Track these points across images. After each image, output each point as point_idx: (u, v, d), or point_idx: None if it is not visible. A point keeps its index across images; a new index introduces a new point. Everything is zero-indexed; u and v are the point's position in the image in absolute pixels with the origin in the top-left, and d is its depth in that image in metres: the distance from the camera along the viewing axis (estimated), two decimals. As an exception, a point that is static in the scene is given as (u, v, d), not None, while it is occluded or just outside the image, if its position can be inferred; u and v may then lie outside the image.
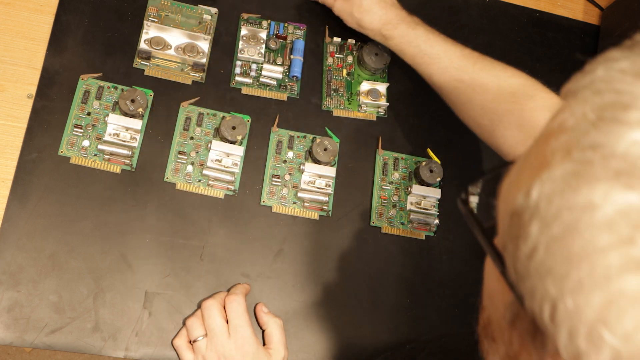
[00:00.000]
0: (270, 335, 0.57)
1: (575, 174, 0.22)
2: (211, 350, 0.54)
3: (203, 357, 0.55)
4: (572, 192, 0.22)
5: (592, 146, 0.22)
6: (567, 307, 0.22)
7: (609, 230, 0.21)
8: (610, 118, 0.22)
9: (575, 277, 0.21)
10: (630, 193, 0.20)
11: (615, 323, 0.20)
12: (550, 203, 0.23)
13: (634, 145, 0.21)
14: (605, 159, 0.21)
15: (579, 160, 0.22)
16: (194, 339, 0.55)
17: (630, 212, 0.20)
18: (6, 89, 0.61)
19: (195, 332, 0.56)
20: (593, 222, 0.21)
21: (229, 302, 0.56)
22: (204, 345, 0.55)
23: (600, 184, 0.21)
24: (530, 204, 0.24)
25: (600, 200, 0.21)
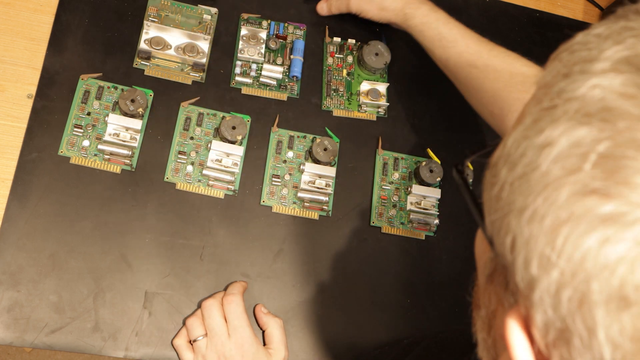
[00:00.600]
0: (271, 335, 0.57)
1: (540, 118, 0.24)
2: (211, 350, 0.54)
3: (203, 357, 0.55)
4: (536, 134, 0.24)
5: (558, 93, 0.24)
6: (524, 236, 0.23)
7: (562, 162, 0.23)
8: (578, 70, 0.24)
9: (531, 207, 0.23)
10: (583, 128, 0.22)
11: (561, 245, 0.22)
12: (518, 147, 0.25)
13: (592, 89, 0.23)
14: (567, 101, 0.23)
15: (545, 106, 0.25)
16: (194, 338, 0.55)
17: (580, 144, 0.22)
18: (6, 89, 0.61)
19: (195, 332, 0.56)
20: (549, 157, 0.23)
21: (227, 304, 0.56)
22: (204, 345, 0.55)
23: (559, 123, 0.23)
24: (504, 152, 0.26)
25: (557, 137, 0.23)
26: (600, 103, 0.22)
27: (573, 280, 0.22)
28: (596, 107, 0.22)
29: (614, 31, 0.25)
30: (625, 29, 0.24)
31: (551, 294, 0.22)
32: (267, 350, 0.56)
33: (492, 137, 0.73)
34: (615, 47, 0.24)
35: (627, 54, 0.23)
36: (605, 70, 0.23)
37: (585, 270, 0.21)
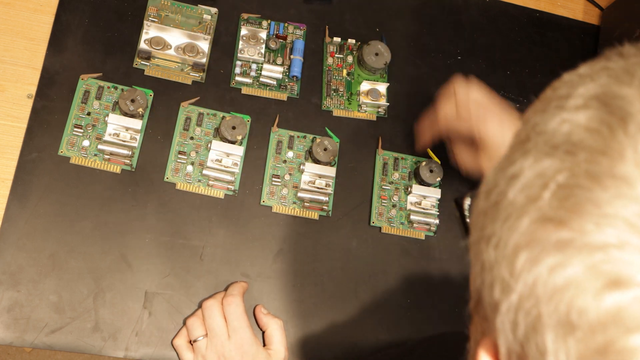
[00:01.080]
0: (271, 336, 0.57)
1: (514, 150, 0.26)
2: (211, 350, 0.54)
3: (203, 357, 0.55)
4: (509, 165, 0.25)
5: (532, 126, 0.26)
6: (490, 262, 0.25)
7: (526, 191, 0.24)
8: (554, 106, 0.26)
9: (497, 234, 0.24)
10: (547, 159, 0.24)
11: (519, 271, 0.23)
12: (494, 177, 0.26)
13: (562, 123, 0.24)
14: (538, 134, 0.25)
15: (521, 139, 0.26)
16: (194, 338, 0.55)
17: (543, 174, 0.23)
18: (6, 89, 0.61)
19: (195, 332, 0.56)
20: (516, 186, 0.24)
21: (227, 305, 0.56)
22: (204, 345, 0.55)
23: (529, 155, 0.24)
24: (485, 182, 0.27)
25: (525, 168, 0.24)
26: (566, 136, 0.24)
27: (527, 304, 0.22)
28: (562, 140, 0.24)
29: (594, 71, 0.26)
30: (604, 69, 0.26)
31: (510, 319, 0.23)
32: (267, 350, 0.56)
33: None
34: (590, 84, 0.25)
35: (598, 91, 0.24)
36: (577, 106, 0.24)
37: (536, 294, 0.22)
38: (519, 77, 0.77)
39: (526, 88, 0.77)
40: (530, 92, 0.77)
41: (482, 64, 0.76)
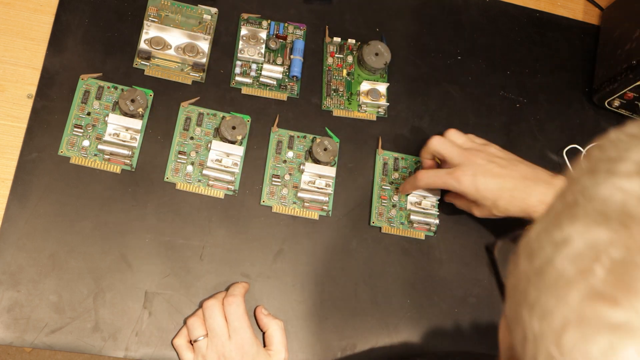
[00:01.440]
0: (271, 337, 0.57)
1: (561, 213, 0.24)
2: (211, 350, 0.54)
3: (203, 357, 0.55)
4: (555, 229, 0.24)
5: (581, 190, 0.24)
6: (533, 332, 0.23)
7: (576, 262, 0.22)
8: (603, 169, 0.24)
9: (543, 304, 0.23)
10: (599, 229, 0.22)
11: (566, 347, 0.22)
12: (538, 239, 0.25)
13: (614, 190, 0.23)
14: (588, 200, 0.23)
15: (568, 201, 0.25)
16: (195, 338, 0.55)
17: (595, 246, 0.22)
18: (6, 89, 0.61)
19: (195, 332, 0.56)
20: (565, 255, 0.23)
21: (228, 305, 0.56)
22: (205, 345, 0.55)
23: (578, 221, 0.23)
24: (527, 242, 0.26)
25: (575, 236, 0.23)
26: (620, 206, 0.22)
27: None
28: (615, 209, 0.22)
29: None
30: None
31: None
32: (268, 351, 0.56)
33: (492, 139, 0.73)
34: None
35: None
36: (630, 172, 0.23)
37: None
38: (519, 77, 0.77)
39: (526, 88, 0.77)
40: (531, 92, 0.77)
41: (482, 64, 0.76)
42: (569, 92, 0.79)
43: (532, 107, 0.76)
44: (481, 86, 0.75)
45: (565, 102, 0.78)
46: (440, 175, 0.60)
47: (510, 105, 0.75)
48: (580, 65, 0.80)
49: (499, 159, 0.61)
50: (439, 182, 0.61)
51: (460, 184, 0.59)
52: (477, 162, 0.60)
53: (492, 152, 0.62)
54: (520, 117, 0.75)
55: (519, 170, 0.60)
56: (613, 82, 0.73)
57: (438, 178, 0.61)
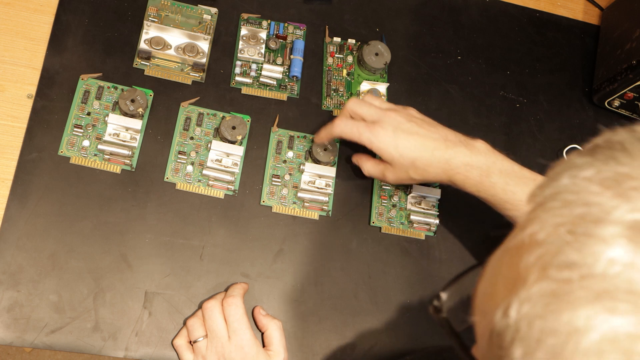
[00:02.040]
0: (270, 337, 0.57)
1: (554, 294, 0.21)
2: (211, 351, 0.54)
3: (203, 358, 0.55)
4: (553, 316, 0.21)
5: (568, 265, 0.21)
6: None
7: (597, 358, 0.20)
8: (583, 233, 0.21)
9: None
10: (615, 317, 0.20)
11: None
12: (531, 326, 0.22)
13: (611, 265, 0.20)
14: (584, 279, 0.21)
15: (556, 279, 0.22)
16: (195, 339, 0.55)
17: (617, 338, 0.20)
18: (6, 89, 0.61)
19: (195, 333, 0.56)
20: (580, 349, 0.20)
21: (227, 306, 0.56)
22: (204, 346, 0.55)
23: (582, 308, 0.21)
24: (509, 323, 0.23)
25: (584, 326, 0.20)
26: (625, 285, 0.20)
27: None
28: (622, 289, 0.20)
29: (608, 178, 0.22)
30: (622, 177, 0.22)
31: None
32: (267, 352, 0.56)
33: (492, 139, 0.73)
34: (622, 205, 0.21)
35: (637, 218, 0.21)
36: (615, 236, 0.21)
37: None
38: (519, 77, 0.77)
39: (526, 88, 0.77)
40: (531, 92, 0.77)
41: (482, 64, 0.76)
42: (569, 92, 0.79)
43: (532, 107, 0.76)
44: (481, 86, 0.75)
45: (565, 102, 0.78)
46: (359, 126, 0.57)
47: (510, 105, 0.75)
48: (580, 65, 0.80)
49: (418, 120, 0.58)
50: (355, 133, 0.57)
51: (378, 139, 0.56)
52: (397, 119, 0.57)
53: (411, 112, 0.59)
54: (520, 117, 0.75)
55: (440, 132, 0.57)
56: (613, 82, 0.73)
57: (355, 128, 0.57)
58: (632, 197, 0.21)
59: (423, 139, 0.57)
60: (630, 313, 0.20)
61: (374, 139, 0.57)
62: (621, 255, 0.20)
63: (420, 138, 0.57)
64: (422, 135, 0.57)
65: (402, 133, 0.56)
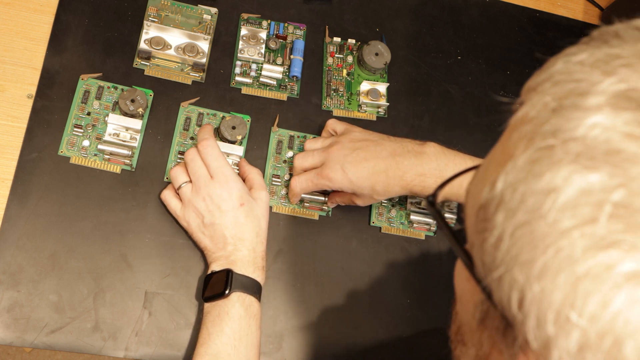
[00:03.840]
0: (252, 180, 0.59)
1: (537, 160, 0.22)
2: (196, 193, 0.56)
3: (189, 201, 0.56)
4: (535, 178, 0.22)
5: (552, 132, 0.22)
6: (534, 293, 0.22)
7: (571, 211, 0.21)
8: (569, 105, 0.22)
9: (540, 261, 0.21)
10: (590, 174, 0.21)
11: (582, 304, 0.20)
12: (514, 191, 0.23)
13: (592, 129, 0.21)
14: (565, 143, 0.22)
15: (540, 147, 0.23)
16: (179, 185, 0.57)
17: (591, 192, 0.21)
18: (6, 89, 0.61)
19: (179, 179, 0.57)
20: (556, 205, 0.21)
21: (203, 149, 0.57)
22: (189, 189, 0.57)
23: (561, 168, 0.21)
24: (495, 195, 0.24)
25: (561, 183, 0.21)
26: (604, 145, 0.21)
27: (601, 342, 0.20)
28: (600, 149, 0.21)
29: (599, 59, 0.23)
30: (612, 57, 0.23)
31: (572, 355, 0.21)
32: (252, 195, 0.58)
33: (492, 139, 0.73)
34: (608, 79, 0.22)
35: (623, 88, 0.22)
36: (600, 105, 0.22)
37: (615, 331, 0.20)
38: (519, 77, 0.77)
39: (526, 88, 0.77)
40: (530, 92, 0.77)
41: (482, 64, 0.76)
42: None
43: (532, 107, 0.76)
44: (481, 86, 0.75)
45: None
46: (311, 178, 0.59)
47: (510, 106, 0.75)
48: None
49: (362, 143, 0.58)
50: (311, 186, 0.59)
51: (332, 181, 0.57)
52: (341, 154, 0.58)
53: (353, 137, 0.59)
54: (520, 117, 0.75)
55: (386, 148, 0.58)
56: (613, 82, 0.73)
57: (310, 181, 0.59)
58: (619, 73, 0.22)
59: (373, 163, 0.57)
60: (606, 169, 0.20)
61: (329, 182, 0.58)
62: (602, 120, 0.21)
63: (369, 163, 0.57)
64: (371, 159, 0.57)
65: (350, 166, 0.57)
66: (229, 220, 0.55)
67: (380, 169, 0.57)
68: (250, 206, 0.56)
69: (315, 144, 0.62)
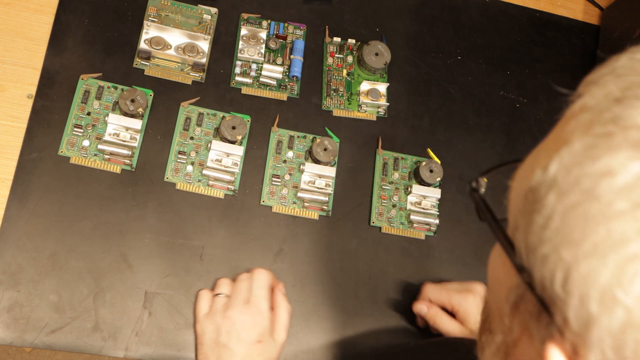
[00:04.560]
0: (279, 317, 0.57)
1: (594, 145, 0.23)
2: (225, 308, 0.55)
3: (215, 313, 0.56)
4: (591, 161, 0.22)
5: (612, 120, 0.23)
6: (581, 272, 0.22)
7: (626, 195, 0.21)
8: (631, 95, 0.23)
9: (590, 241, 0.22)
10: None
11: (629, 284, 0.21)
12: (568, 173, 0.23)
13: None
14: (625, 130, 0.22)
15: (599, 133, 0.23)
16: (217, 292, 0.57)
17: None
18: (6, 89, 0.61)
19: (221, 288, 0.57)
20: (611, 188, 0.21)
21: (257, 273, 0.57)
22: (222, 302, 0.56)
23: (619, 152, 0.22)
24: (547, 178, 0.24)
25: (618, 167, 0.21)
26: None
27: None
28: None
29: None
30: None
31: (614, 335, 0.21)
32: (271, 329, 0.57)
33: (492, 139, 0.73)
34: None
35: None
36: None
37: None
38: (519, 77, 0.77)
39: (526, 88, 0.77)
40: (530, 92, 0.77)
41: (482, 64, 0.76)
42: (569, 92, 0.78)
43: (532, 107, 0.76)
44: (481, 86, 0.75)
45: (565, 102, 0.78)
46: (449, 292, 0.60)
47: (510, 105, 0.75)
48: (580, 65, 0.80)
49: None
50: (445, 297, 0.60)
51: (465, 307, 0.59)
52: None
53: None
54: (520, 117, 0.75)
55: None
56: (613, 82, 0.73)
57: (445, 290, 0.60)
58: None
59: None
60: None
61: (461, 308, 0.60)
62: None
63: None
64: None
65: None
66: (241, 352, 0.54)
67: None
68: (266, 346, 0.55)
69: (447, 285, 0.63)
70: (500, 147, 0.73)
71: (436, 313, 0.60)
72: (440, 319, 0.60)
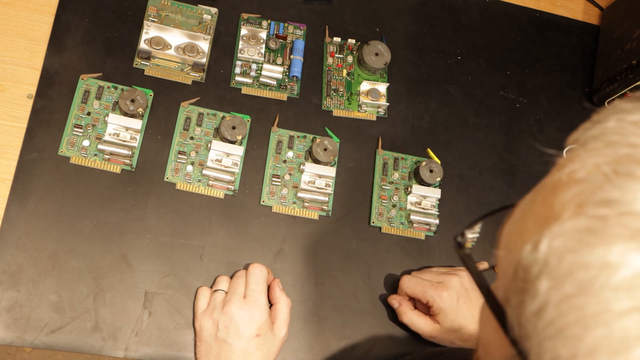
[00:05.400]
0: (278, 312, 0.58)
1: (589, 230, 0.21)
2: (223, 304, 0.56)
3: (214, 309, 0.56)
4: (586, 250, 0.21)
5: (606, 202, 0.21)
6: None
7: (627, 293, 0.20)
8: (625, 172, 0.21)
9: (590, 340, 0.20)
10: None
11: None
12: (561, 259, 0.22)
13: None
14: (621, 216, 0.21)
15: (592, 215, 0.21)
16: (215, 289, 0.58)
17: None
18: (6, 89, 0.61)
19: (219, 285, 0.58)
20: (610, 284, 0.20)
21: (252, 268, 0.58)
22: (221, 298, 0.57)
23: (617, 244, 0.20)
24: (538, 258, 0.23)
25: (617, 261, 0.20)
26: None
27: None
28: None
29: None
30: None
31: None
32: (271, 324, 0.57)
33: (492, 139, 0.73)
34: None
35: None
36: None
37: None
38: (519, 77, 0.77)
39: (526, 88, 0.77)
40: (531, 92, 0.77)
41: (482, 64, 0.76)
42: (569, 92, 0.79)
43: (532, 107, 0.76)
44: (481, 86, 0.75)
45: (565, 102, 0.78)
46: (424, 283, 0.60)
47: (510, 105, 0.75)
48: (580, 65, 0.80)
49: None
50: (420, 290, 0.60)
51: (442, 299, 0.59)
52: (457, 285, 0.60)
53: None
54: (520, 117, 0.75)
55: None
56: (613, 82, 0.73)
57: (420, 285, 0.60)
58: None
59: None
60: None
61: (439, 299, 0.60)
62: None
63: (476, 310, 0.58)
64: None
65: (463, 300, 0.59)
66: (239, 346, 0.54)
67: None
68: (265, 339, 0.55)
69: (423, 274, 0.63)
70: (500, 147, 0.73)
71: (405, 312, 0.61)
72: (409, 317, 0.61)
